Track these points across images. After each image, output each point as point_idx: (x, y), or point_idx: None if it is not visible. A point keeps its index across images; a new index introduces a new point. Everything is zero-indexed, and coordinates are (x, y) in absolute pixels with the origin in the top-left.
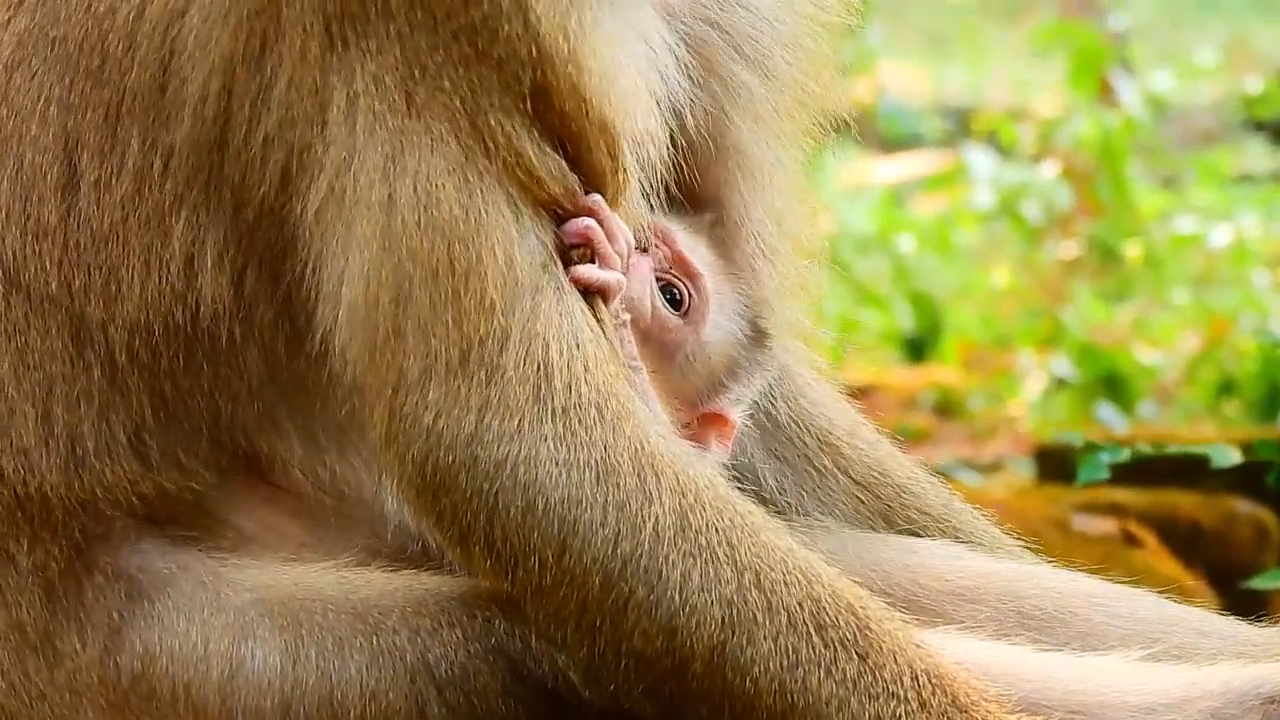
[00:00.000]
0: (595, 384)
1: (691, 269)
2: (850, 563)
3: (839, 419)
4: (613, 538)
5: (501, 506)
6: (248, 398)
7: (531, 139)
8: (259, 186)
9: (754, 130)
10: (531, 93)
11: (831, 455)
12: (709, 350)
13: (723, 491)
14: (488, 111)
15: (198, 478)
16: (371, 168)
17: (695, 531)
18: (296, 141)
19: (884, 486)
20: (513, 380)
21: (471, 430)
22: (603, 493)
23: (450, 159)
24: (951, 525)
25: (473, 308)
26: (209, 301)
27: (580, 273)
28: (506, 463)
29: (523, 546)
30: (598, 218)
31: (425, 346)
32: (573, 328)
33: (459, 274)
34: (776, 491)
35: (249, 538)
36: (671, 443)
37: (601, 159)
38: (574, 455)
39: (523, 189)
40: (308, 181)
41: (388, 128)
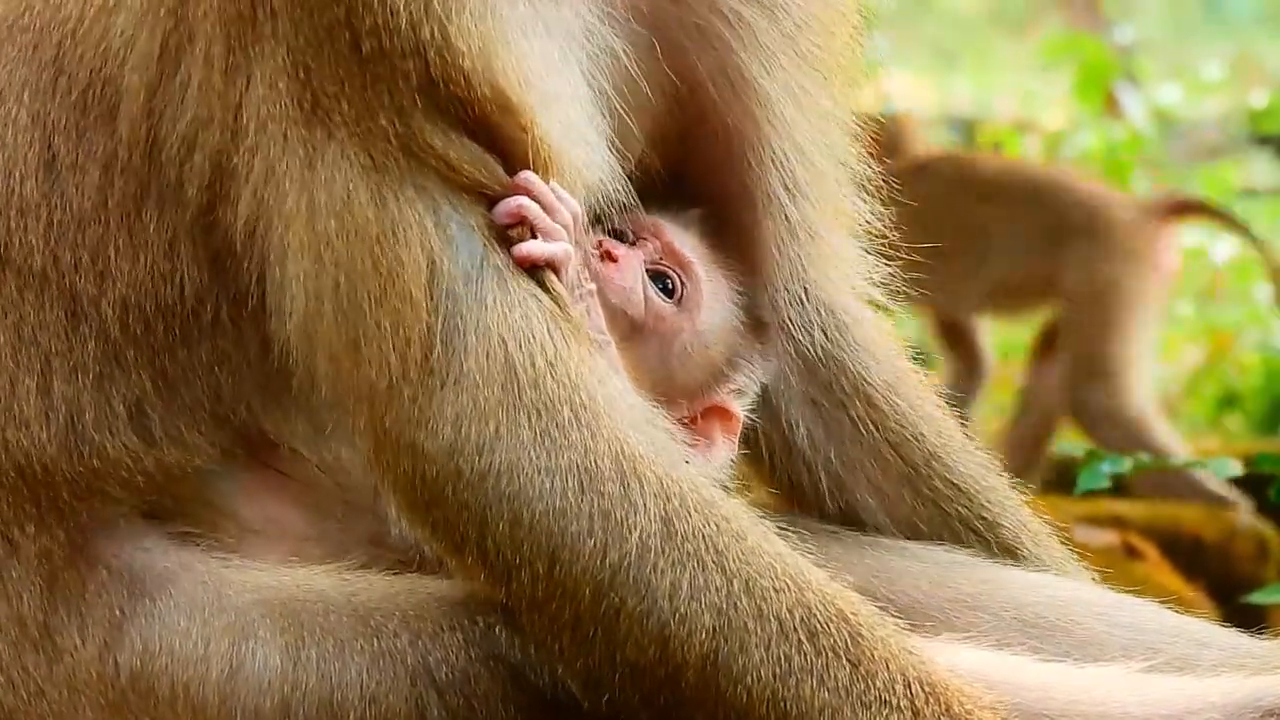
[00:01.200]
0: (561, 375)
1: (682, 257)
2: (852, 569)
3: (880, 366)
4: (600, 548)
5: (490, 519)
6: (248, 372)
7: (434, 128)
8: (188, 190)
9: (766, 65)
10: (420, 83)
11: (864, 405)
12: (706, 339)
13: (707, 494)
14: (381, 110)
15: (201, 453)
16: (290, 176)
17: (682, 538)
18: (215, 147)
19: (915, 450)
20: (479, 382)
21: (451, 441)
22: (587, 502)
23: (357, 163)
24: (978, 504)
25: (407, 310)
26: (194, 282)
27: (521, 250)
28: (490, 473)
29: (514, 559)
30: (531, 193)
31: (382, 358)
32: (525, 315)
33: (384, 278)
34: (807, 445)
35: (252, 530)
36: (651, 435)
37: (515, 136)
38: (555, 461)
39: (440, 180)
40: (235, 189)
41: (295, 136)
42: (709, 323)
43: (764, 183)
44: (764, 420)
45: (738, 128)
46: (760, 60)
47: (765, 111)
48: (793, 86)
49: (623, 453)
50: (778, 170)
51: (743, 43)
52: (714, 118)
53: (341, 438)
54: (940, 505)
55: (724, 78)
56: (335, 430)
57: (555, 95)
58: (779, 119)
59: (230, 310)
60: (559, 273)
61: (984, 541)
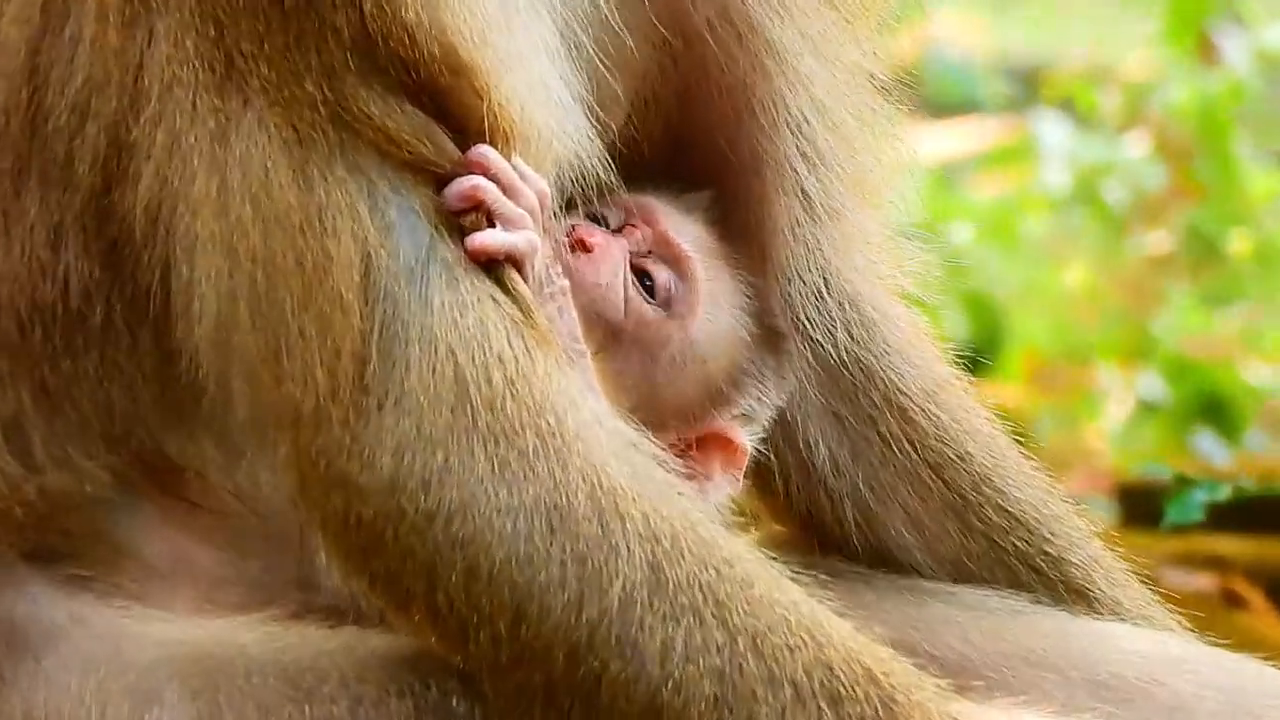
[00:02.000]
0: (524, 395)
1: (678, 251)
2: (887, 618)
3: (916, 373)
4: (575, 602)
5: (441, 569)
6: (146, 386)
7: (370, 93)
8: (79, 166)
9: (779, 6)
10: (354, 39)
11: (898, 419)
12: (701, 350)
13: (706, 533)
14: (306, 75)
15: (92, 479)
16: (198, 152)
17: (675, 588)
18: (111, 116)
19: (960, 474)
20: (423, 403)
21: (392, 474)
22: (559, 546)
23: (277, 135)
24: (1040, 536)
25: (334, 314)
26: (82, 278)
27: (476, 241)
28: (439, 513)
29: (472, 616)
30: (488, 172)
31: (307, 372)
32: (480, 321)
33: (309, 276)
34: (829, 468)
35: (157, 572)
36: (635, 464)
37: (468, 101)
38: (518, 497)
39: (377, 156)
40: (134, 167)
41: (205, 104)
42: (706, 331)
43: (776, 150)
44: (776, 438)
45: (744, 84)
46: (771, 1)
47: (778, 63)
48: (812, 32)
49: (600, 485)
50: (793, 135)
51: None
52: (715, 74)
53: (262, 461)
54: (993, 539)
55: (727, 24)
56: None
57: (518, 51)
58: (795, 72)
59: (125, 313)
60: (522, 268)
61: (1047, 583)
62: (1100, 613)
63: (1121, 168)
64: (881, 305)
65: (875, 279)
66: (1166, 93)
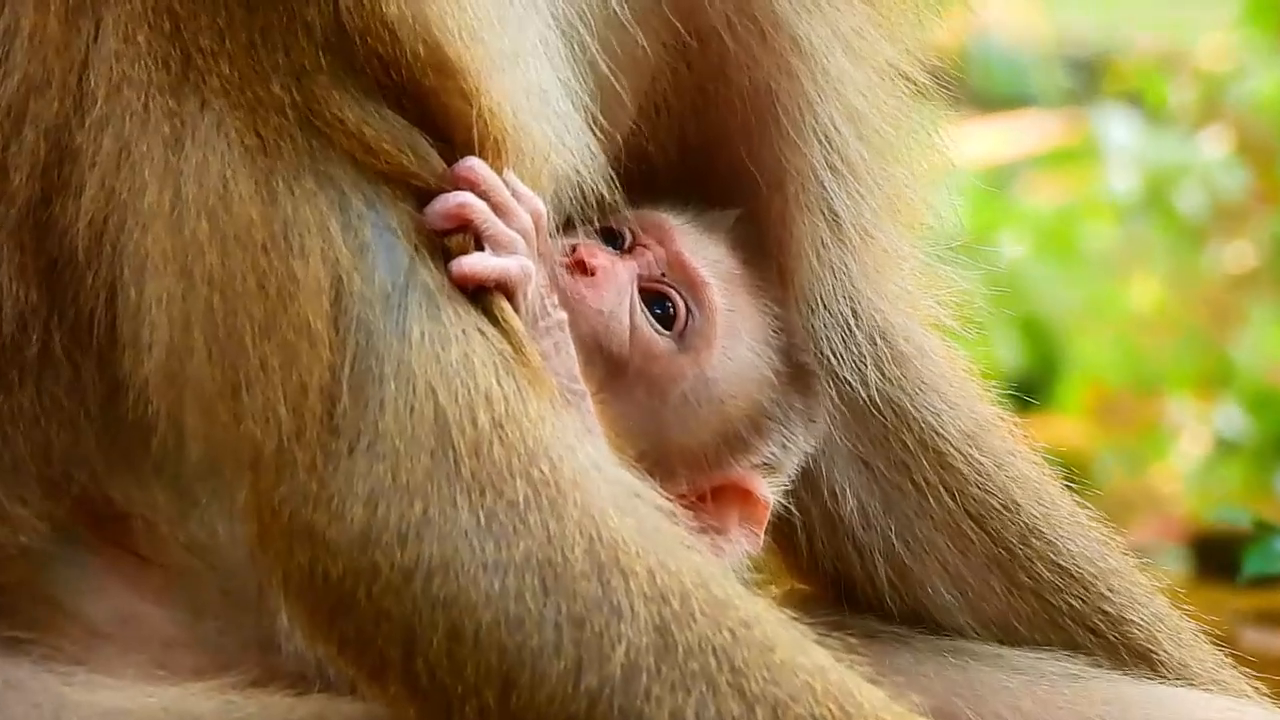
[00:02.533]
0: (514, 439)
1: (694, 276)
2: (927, 685)
3: (955, 413)
4: (573, 670)
5: (420, 633)
6: (88, 425)
7: (345, 96)
8: (13, 175)
9: (806, 6)
10: (327, 35)
11: (935, 465)
12: (719, 389)
13: (720, 591)
14: (272, 75)
15: (28, 530)
16: (147, 163)
17: (685, 653)
18: (52, 119)
19: (1006, 526)
20: (399, 447)
21: (364, 526)
22: (553, 606)
23: (238, 143)
24: (1097, 594)
25: (300, 345)
26: (16, 303)
27: (463, 266)
28: (418, 571)
29: (455, 686)
30: (477, 189)
31: (269, 410)
32: (464, 356)
33: (272, 301)
34: (858, 521)
35: (102, 635)
36: (639, 515)
37: (455, 105)
38: (508, 552)
39: (351, 166)
40: (76, 176)
41: (159, 107)
42: (723, 367)
43: (803, 162)
44: (798, 486)
45: (767, 88)
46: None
47: (806, 64)
48: (844, 28)
49: (599, 538)
50: (821, 145)
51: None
52: (734, 76)
53: (218, 510)
54: (1045, 597)
55: (748, 20)
56: (209, 498)
57: (512, 51)
58: (825, 74)
59: (65, 342)
60: (513, 298)
61: (1106, 645)
62: (1166, 677)
63: (1196, 170)
64: (916, 338)
65: (909, 309)
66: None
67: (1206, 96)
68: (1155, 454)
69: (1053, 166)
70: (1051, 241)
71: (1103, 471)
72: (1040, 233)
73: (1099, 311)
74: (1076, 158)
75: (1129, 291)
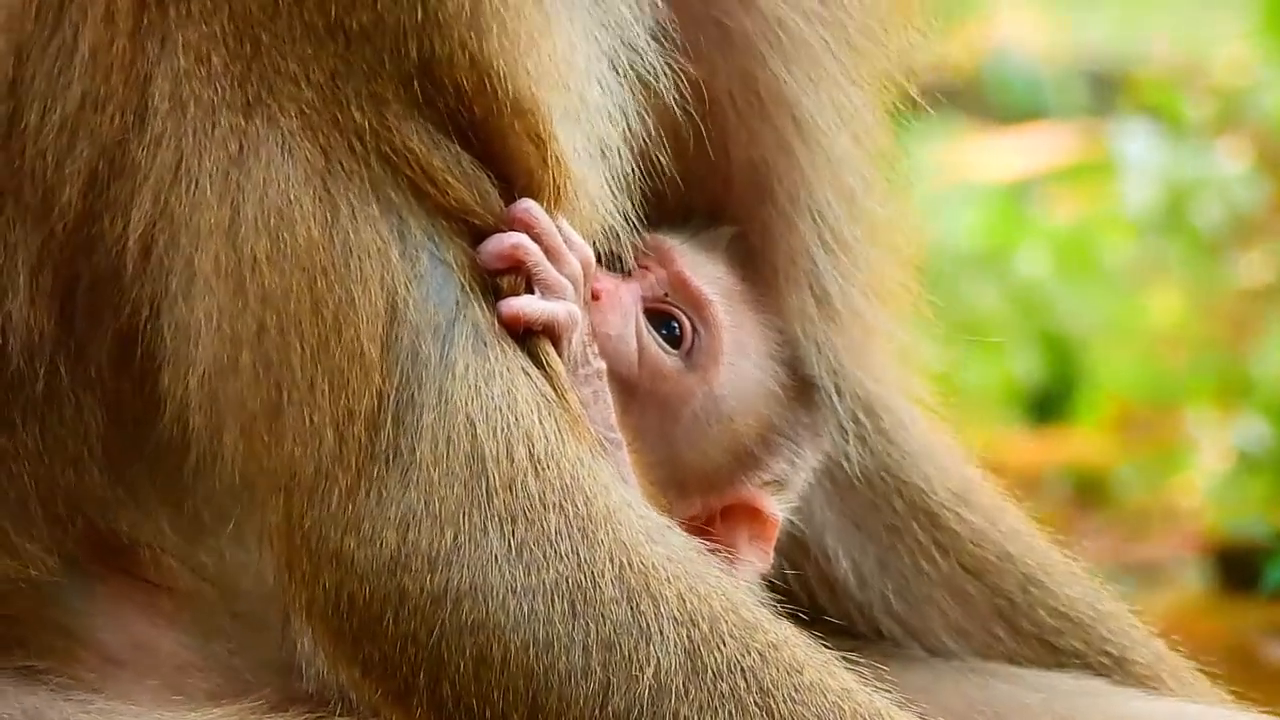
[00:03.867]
0: (550, 476)
1: (697, 295)
2: (946, 702)
3: (944, 475)
4: (600, 692)
5: (448, 657)
6: (91, 460)
7: (416, 126)
8: (61, 190)
9: (809, 81)
10: (411, 67)
11: (930, 528)
12: (727, 407)
13: (749, 615)
14: (350, 100)
15: (36, 564)
16: (208, 180)
17: (714, 675)
18: (106, 133)
19: (1004, 576)
20: (433, 477)
21: (394, 553)
22: (581, 629)
23: (305, 164)
24: (1098, 635)
25: (351, 370)
26: (22, 333)
27: (513, 307)
28: (447, 595)
29: (482, 710)
30: (532, 231)
31: (312, 433)
32: (507, 393)
33: (325, 322)
34: (853, 580)
35: (116, 661)
36: (670, 546)
37: (524, 149)
38: (537, 578)
39: (414, 195)
40: (127, 192)
41: (225, 125)
42: (731, 384)
43: (795, 237)
44: (790, 550)
45: (765, 163)
46: (801, 68)
47: (806, 142)
48: (845, 108)
49: (630, 565)
50: (815, 223)
51: (778, 44)
52: (735, 149)
53: (229, 538)
54: (1048, 641)
55: (752, 95)
56: (219, 525)
57: (583, 103)
58: (824, 154)
59: (71, 377)
60: (558, 342)
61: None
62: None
63: (1215, 184)
64: (900, 410)
65: (893, 384)
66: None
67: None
68: (1175, 468)
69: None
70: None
71: (1123, 486)
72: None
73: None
74: (1094, 172)
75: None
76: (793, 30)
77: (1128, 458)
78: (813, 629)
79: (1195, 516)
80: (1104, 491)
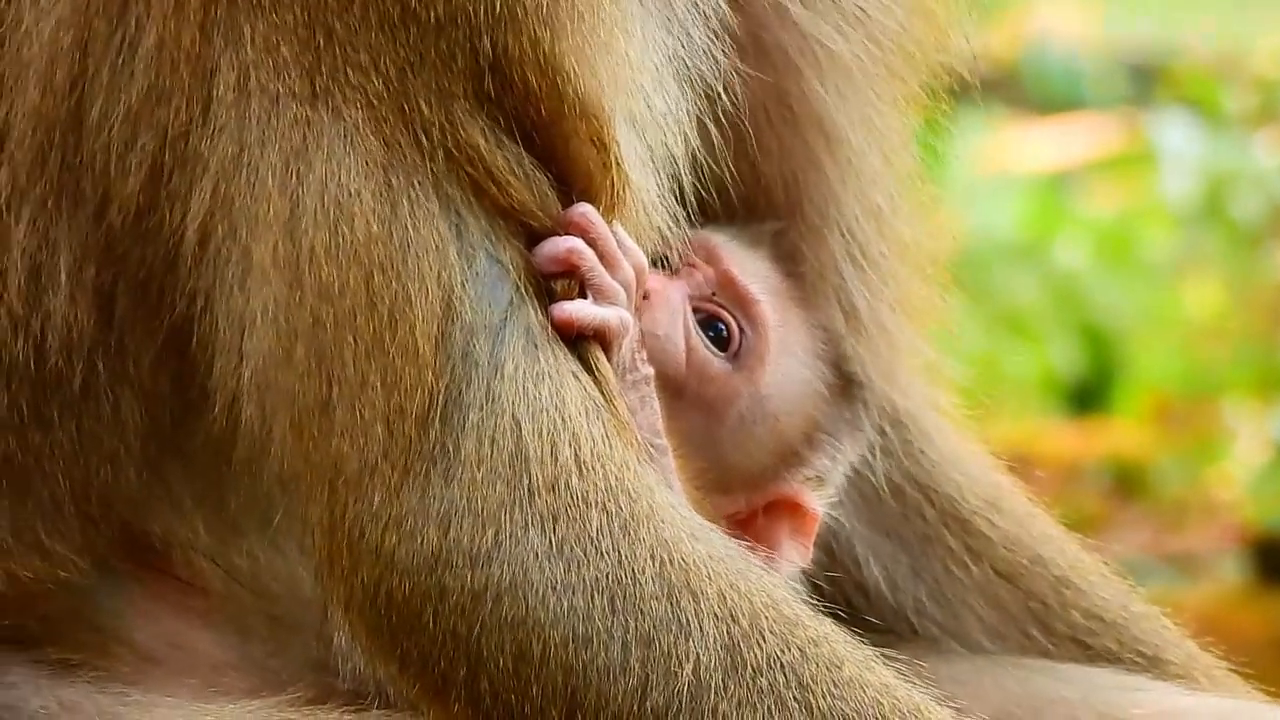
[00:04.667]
0: (595, 478)
1: (744, 294)
2: (985, 695)
3: (973, 483)
4: (639, 688)
5: (486, 653)
6: (127, 459)
7: (484, 126)
8: (122, 182)
9: (841, 97)
10: (488, 64)
11: (962, 534)
12: (773, 406)
13: (789, 611)
14: (419, 93)
15: (67, 566)
16: (269, 171)
17: (753, 671)
18: (170, 124)
19: (1036, 580)
20: (476, 476)
21: (435, 549)
22: (620, 625)
23: (368, 158)
24: (1131, 636)
25: (404, 367)
26: (61, 330)
27: (565, 311)
28: (487, 593)
29: (521, 706)
30: (588, 235)
31: (358, 426)
32: (554, 395)
33: (381, 318)
34: (884, 586)
35: (152, 660)
36: (712, 545)
37: (585, 152)
38: (577, 575)
39: (474, 193)
40: (187, 183)
41: (289, 116)
42: (777, 384)
43: (823, 253)
44: (821, 559)
45: (795, 178)
46: (835, 85)
47: (836, 159)
48: (878, 125)
49: (670, 561)
50: (844, 238)
51: (813, 60)
52: (767, 162)
53: (264, 539)
54: (1083, 641)
55: (783, 108)
56: (254, 527)
57: (649, 111)
58: (854, 170)
59: (109, 374)
60: (608, 348)
61: None
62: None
63: (1253, 175)
64: (926, 422)
65: (919, 396)
66: None
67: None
68: (1213, 459)
69: (1110, 172)
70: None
71: (1161, 477)
72: (1097, 239)
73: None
74: (1133, 163)
75: (1187, 297)
76: (828, 47)
77: (1166, 449)
78: (851, 627)
79: (1233, 508)
80: (1142, 483)
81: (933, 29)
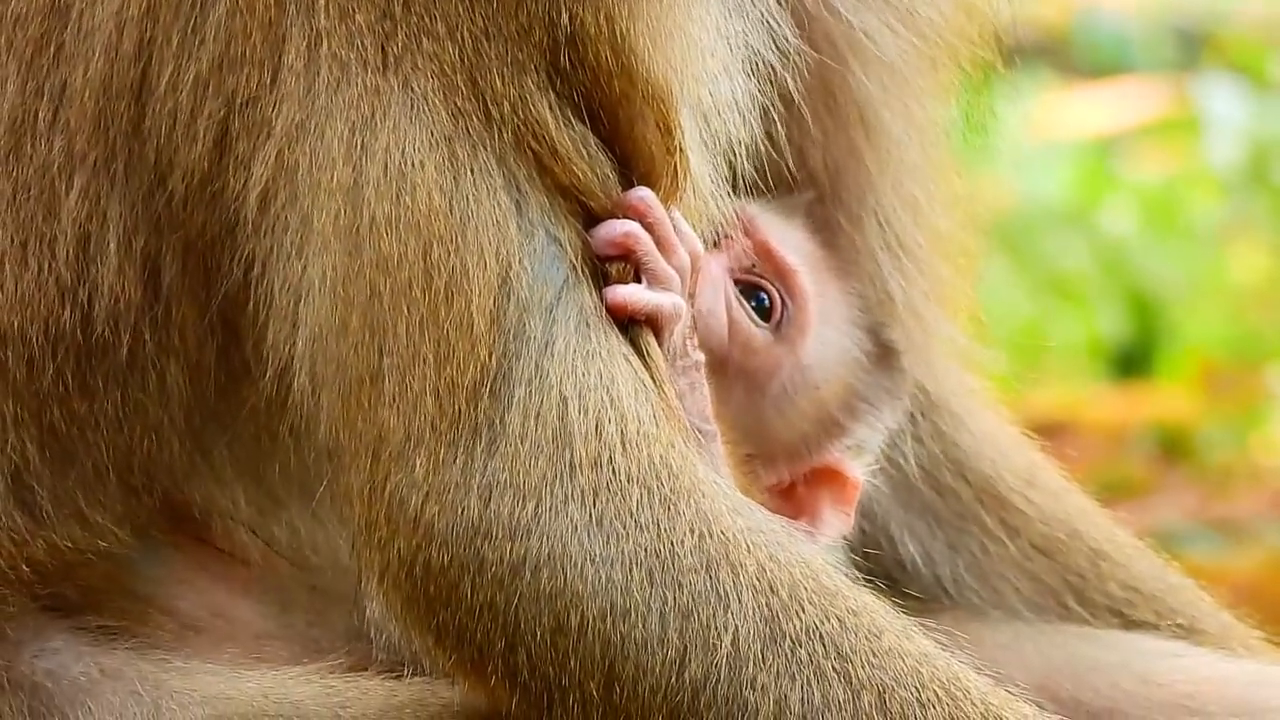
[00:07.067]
0: (639, 455)
1: (783, 265)
2: (1027, 661)
3: (1009, 461)
4: (678, 660)
5: (524, 625)
6: (171, 430)
7: (552, 103)
8: (187, 149)
9: (884, 90)
10: (564, 39)
11: (998, 511)
12: (814, 376)
13: (829, 582)
14: (493, 64)
15: (108, 536)
16: (335, 138)
17: (792, 642)
18: (239, 91)
19: (1073, 553)
20: (520, 450)
21: (474, 520)
22: (659, 598)
23: (434, 129)
24: (1167, 607)
25: (458, 340)
26: (108, 299)
27: (619, 295)
28: (525, 564)
29: (558, 678)
30: (645, 220)
31: (406, 398)
32: (603, 375)
33: (437, 290)
34: (920, 562)
35: (194, 628)
36: (752, 519)
37: (650, 136)
38: (616, 548)
39: (537, 170)
40: (250, 148)
41: (358, 84)
42: (818, 353)
43: (859, 239)
44: (857, 540)
45: (835, 164)
46: (877, 75)
47: (874, 148)
48: (919, 117)
49: (710, 534)
50: (880, 227)
51: (857, 49)
52: (809, 149)
53: (305, 511)
54: (1121, 612)
55: (827, 95)
56: (295, 499)
57: (712, 93)
58: (893, 160)
59: (155, 344)
60: (661, 334)
61: None
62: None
63: None
64: (959, 406)
65: (953, 382)
66: None
67: None
68: (1260, 425)
69: (1157, 138)
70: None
71: (1207, 443)
72: (1144, 204)
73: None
74: (1180, 129)
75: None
76: (873, 37)
77: (1212, 415)
78: (891, 598)
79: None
80: (1188, 448)
81: (976, 21)
